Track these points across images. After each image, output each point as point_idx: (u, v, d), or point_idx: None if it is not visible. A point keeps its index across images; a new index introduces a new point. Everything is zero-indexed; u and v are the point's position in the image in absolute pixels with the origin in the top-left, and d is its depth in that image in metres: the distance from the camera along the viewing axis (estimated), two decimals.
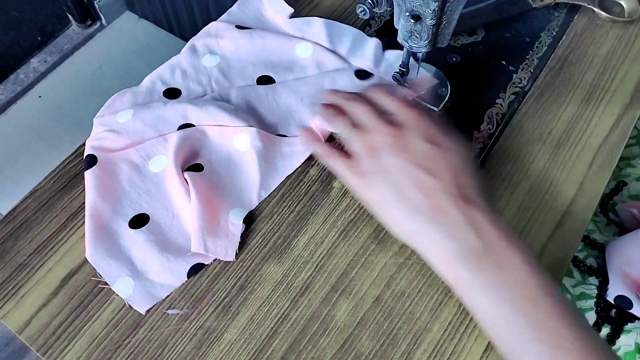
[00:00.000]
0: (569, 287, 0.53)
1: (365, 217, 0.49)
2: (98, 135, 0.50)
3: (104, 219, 0.46)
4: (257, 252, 0.47)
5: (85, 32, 1.69)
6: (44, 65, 1.62)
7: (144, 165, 0.49)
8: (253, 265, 0.46)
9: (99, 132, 0.50)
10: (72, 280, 0.46)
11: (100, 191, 0.47)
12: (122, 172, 0.49)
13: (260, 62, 0.56)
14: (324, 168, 0.52)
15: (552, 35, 0.61)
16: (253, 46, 0.56)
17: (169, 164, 0.48)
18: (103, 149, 0.49)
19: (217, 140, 0.51)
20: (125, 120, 0.50)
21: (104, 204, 0.47)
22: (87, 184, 0.48)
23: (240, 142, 0.50)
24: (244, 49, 0.56)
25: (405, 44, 0.49)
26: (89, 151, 0.49)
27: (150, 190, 0.48)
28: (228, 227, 0.47)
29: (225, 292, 0.45)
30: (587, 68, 0.59)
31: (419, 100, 0.52)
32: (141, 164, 0.49)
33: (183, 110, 0.50)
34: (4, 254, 0.47)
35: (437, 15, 0.44)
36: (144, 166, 0.49)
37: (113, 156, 0.49)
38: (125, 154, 0.49)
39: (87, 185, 0.48)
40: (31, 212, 0.49)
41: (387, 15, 0.63)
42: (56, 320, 0.44)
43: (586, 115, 0.55)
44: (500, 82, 0.57)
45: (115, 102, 0.53)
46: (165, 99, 0.53)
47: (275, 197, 0.50)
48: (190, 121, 0.51)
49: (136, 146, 0.50)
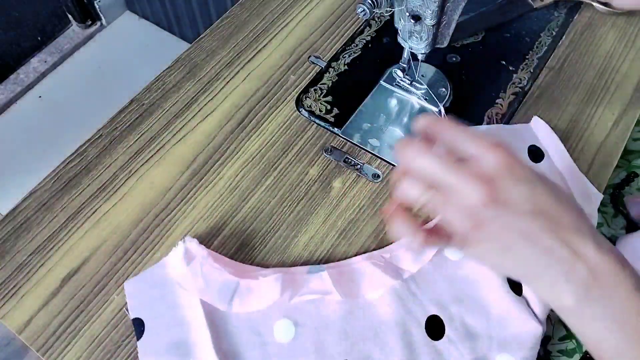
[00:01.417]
0: None
1: (365, 217, 0.49)
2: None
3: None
4: (257, 252, 0.47)
5: (85, 32, 1.69)
6: (44, 65, 1.62)
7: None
8: (253, 265, 0.46)
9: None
10: (72, 280, 0.46)
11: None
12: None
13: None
14: (324, 168, 0.52)
15: (552, 35, 0.61)
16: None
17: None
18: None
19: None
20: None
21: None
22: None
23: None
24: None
25: (405, 44, 0.49)
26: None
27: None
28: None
29: None
30: (587, 68, 0.59)
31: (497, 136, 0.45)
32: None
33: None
34: (4, 254, 0.47)
35: (437, 15, 0.44)
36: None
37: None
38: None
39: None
40: (31, 212, 0.49)
41: (387, 15, 0.63)
42: (56, 320, 0.44)
43: (586, 115, 0.55)
44: (500, 82, 0.57)
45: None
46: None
47: (275, 197, 0.50)
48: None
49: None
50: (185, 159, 0.53)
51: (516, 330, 0.42)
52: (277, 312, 0.43)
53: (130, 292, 0.44)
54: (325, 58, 0.60)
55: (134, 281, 0.45)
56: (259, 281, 0.43)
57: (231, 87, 0.58)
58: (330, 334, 0.42)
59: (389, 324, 0.43)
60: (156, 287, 0.44)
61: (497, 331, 0.43)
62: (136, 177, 0.51)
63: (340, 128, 0.54)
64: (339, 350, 0.42)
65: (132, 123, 0.55)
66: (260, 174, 0.52)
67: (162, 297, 0.43)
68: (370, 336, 0.42)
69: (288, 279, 0.43)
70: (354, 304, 0.43)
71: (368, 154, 0.53)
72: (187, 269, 0.43)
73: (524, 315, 0.43)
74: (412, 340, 0.42)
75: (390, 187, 0.43)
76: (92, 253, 0.47)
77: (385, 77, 0.58)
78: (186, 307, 0.43)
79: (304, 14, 0.64)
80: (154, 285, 0.44)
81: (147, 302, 0.43)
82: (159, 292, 0.44)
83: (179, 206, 0.50)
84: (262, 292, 0.43)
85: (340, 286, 0.43)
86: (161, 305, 0.43)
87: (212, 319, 0.42)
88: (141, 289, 0.44)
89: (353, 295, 0.44)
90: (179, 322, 0.42)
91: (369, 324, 0.43)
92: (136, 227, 0.48)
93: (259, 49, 0.61)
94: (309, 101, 0.56)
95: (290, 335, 0.42)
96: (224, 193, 0.50)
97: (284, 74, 0.59)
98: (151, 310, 0.43)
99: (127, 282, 0.44)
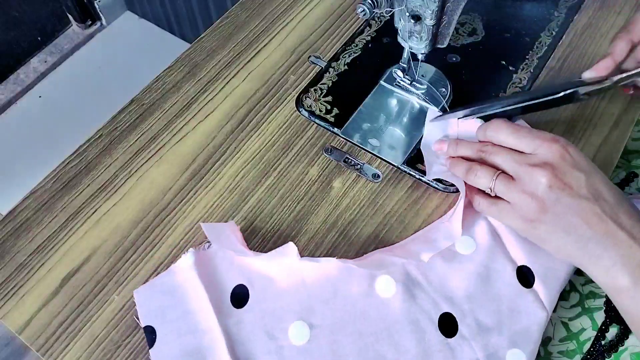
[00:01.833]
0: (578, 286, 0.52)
1: (365, 217, 0.49)
2: None
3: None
4: (257, 252, 0.47)
5: (85, 32, 1.69)
6: (44, 65, 1.62)
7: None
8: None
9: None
10: (72, 280, 0.46)
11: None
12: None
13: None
14: (324, 168, 0.52)
15: (552, 35, 0.61)
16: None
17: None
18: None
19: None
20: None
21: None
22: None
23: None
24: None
25: (405, 44, 0.49)
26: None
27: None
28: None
29: None
30: (587, 68, 0.58)
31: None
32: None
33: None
34: (4, 254, 0.47)
35: (437, 15, 0.44)
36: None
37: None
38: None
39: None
40: (31, 212, 0.49)
41: (387, 15, 0.63)
42: (56, 320, 0.44)
43: (586, 116, 0.55)
44: (500, 82, 0.57)
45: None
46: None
47: (276, 197, 0.50)
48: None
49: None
50: (185, 159, 0.53)
51: (526, 324, 0.43)
52: (291, 314, 0.43)
53: (140, 300, 0.44)
54: (325, 58, 0.60)
55: (143, 289, 0.44)
56: (272, 252, 0.44)
57: (231, 87, 0.58)
58: (344, 335, 0.42)
59: (402, 323, 0.43)
60: (166, 294, 0.44)
61: (508, 326, 0.43)
62: (136, 177, 0.51)
63: (340, 128, 0.54)
64: (354, 351, 0.42)
65: (132, 123, 0.55)
66: (260, 174, 0.52)
67: (173, 305, 0.43)
68: (385, 336, 0.42)
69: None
70: (367, 304, 0.43)
71: (368, 154, 0.53)
72: (195, 273, 0.43)
73: (534, 306, 0.43)
74: (425, 339, 0.42)
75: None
76: (92, 253, 0.47)
77: (385, 77, 0.58)
78: (198, 313, 0.42)
79: (304, 14, 0.64)
80: (164, 292, 0.44)
81: (157, 310, 0.43)
82: (169, 299, 0.43)
83: (179, 206, 0.50)
84: (278, 260, 0.43)
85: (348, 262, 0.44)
86: (172, 312, 0.43)
87: (226, 324, 0.42)
88: (151, 296, 0.44)
89: (366, 265, 0.44)
90: (191, 329, 0.42)
91: (382, 323, 0.43)
92: (136, 227, 0.48)
93: (259, 49, 0.61)
94: (309, 101, 0.56)
95: (305, 337, 0.42)
96: (224, 193, 0.50)
97: (284, 74, 0.59)
98: (162, 318, 0.43)
99: (137, 290, 0.44)
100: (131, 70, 1.61)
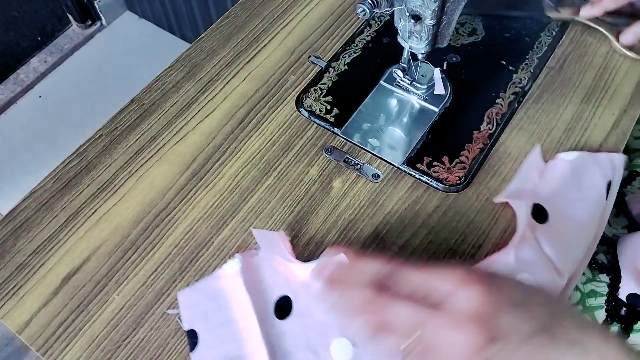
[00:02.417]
0: (579, 285, 0.53)
1: (365, 217, 0.49)
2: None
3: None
4: None
5: (85, 32, 1.69)
6: (44, 65, 1.62)
7: None
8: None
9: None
10: (72, 280, 0.46)
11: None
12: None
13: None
14: (324, 168, 0.52)
15: (552, 35, 0.61)
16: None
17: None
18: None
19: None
20: None
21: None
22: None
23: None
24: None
25: (405, 44, 0.49)
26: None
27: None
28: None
29: None
30: (587, 68, 0.59)
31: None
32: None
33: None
34: (4, 254, 0.47)
35: (437, 15, 0.44)
36: None
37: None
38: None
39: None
40: (31, 212, 0.49)
41: (387, 15, 0.63)
42: (56, 320, 0.44)
43: (586, 115, 0.55)
44: (500, 82, 0.57)
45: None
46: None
47: (276, 197, 0.50)
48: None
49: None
50: (185, 159, 0.53)
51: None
52: (333, 330, 0.42)
53: (184, 303, 0.43)
54: (325, 58, 0.60)
55: (188, 292, 0.44)
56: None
57: (231, 87, 0.58)
58: (386, 355, 0.40)
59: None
60: (211, 298, 0.43)
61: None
62: (136, 177, 0.51)
63: (340, 128, 0.54)
64: None
65: (132, 123, 0.55)
66: (260, 174, 0.52)
67: (217, 310, 0.43)
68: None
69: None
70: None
71: (368, 154, 0.53)
72: (242, 281, 0.43)
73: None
74: None
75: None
76: (92, 253, 0.47)
77: (385, 77, 0.58)
78: (241, 321, 0.42)
79: (304, 14, 0.64)
80: (208, 296, 0.43)
81: (201, 314, 0.43)
82: (213, 304, 0.43)
83: (179, 206, 0.50)
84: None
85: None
86: (216, 318, 0.42)
87: (268, 335, 0.41)
88: (195, 300, 0.43)
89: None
90: (233, 337, 0.42)
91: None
92: (136, 227, 0.48)
93: (259, 49, 0.61)
94: (309, 101, 0.56)
95: (347, 355, 0.41)
96: (224, 193, 0.50)
97: (284, 74, 0.59)
98: (205, 323, 0.42)
99: (181, 292, 0.44)
100: (131, 70, 1.61)
